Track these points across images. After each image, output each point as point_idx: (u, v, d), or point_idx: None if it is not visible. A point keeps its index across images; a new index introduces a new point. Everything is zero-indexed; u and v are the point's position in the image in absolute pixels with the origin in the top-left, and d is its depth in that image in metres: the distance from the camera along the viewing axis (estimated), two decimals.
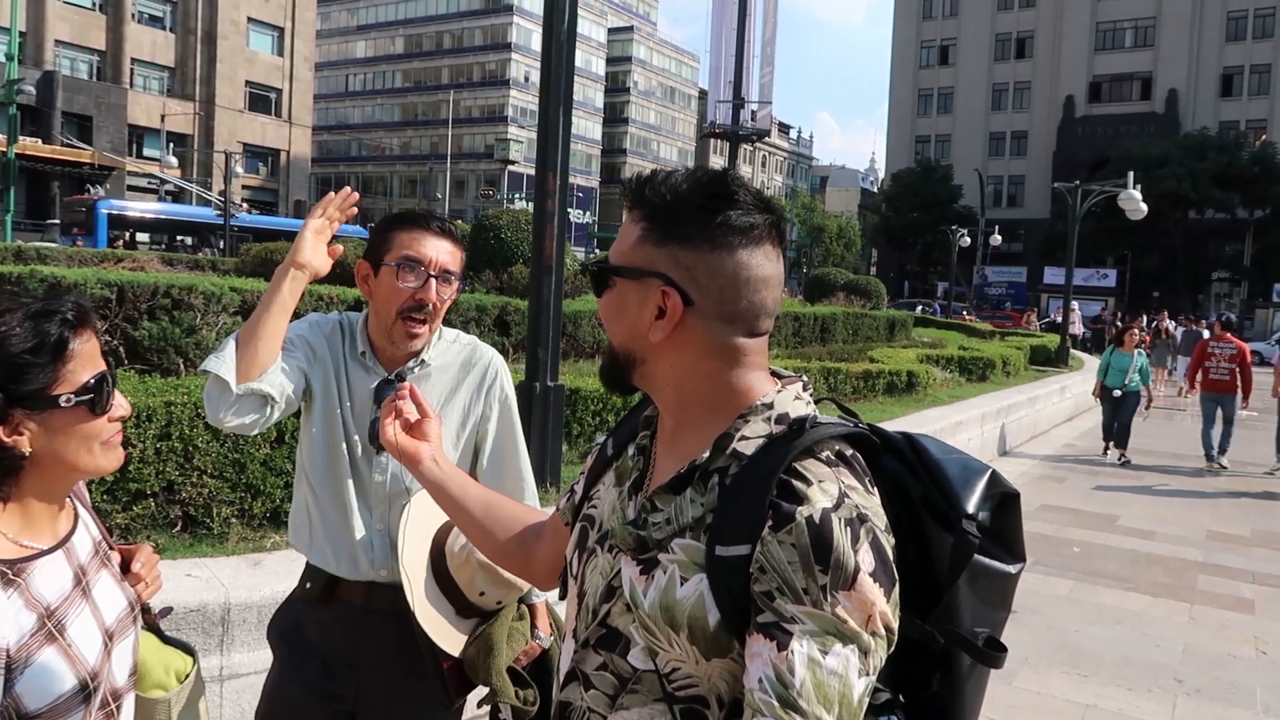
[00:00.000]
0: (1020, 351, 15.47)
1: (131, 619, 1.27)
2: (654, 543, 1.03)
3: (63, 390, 1.15)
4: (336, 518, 1.82)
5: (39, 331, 1.13)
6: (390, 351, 1.83)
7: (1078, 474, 9.73)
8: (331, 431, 1.82)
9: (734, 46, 25.83)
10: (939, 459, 1.11)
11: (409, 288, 1.75)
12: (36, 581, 1.12)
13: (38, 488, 1.17)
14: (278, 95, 49.94)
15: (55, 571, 1.15)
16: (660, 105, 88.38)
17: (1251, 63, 53.58)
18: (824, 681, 0.89)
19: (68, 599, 1.15)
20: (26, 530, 1.15)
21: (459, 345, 1.93)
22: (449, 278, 1.80)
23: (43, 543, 1.17)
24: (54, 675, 1.10)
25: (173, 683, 1.34)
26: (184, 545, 3.54)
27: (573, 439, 5.57)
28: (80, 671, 1.13)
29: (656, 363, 1.06)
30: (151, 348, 5.65)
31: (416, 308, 1.76)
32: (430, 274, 1.76)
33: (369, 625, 1.80)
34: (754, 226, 1.02)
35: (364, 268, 1.83)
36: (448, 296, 1.81)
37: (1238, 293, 51.68)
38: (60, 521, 1.21)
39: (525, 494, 1.96)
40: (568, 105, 4.45)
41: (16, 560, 1.11)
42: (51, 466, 1.16)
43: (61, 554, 1.18)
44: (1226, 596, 5.78)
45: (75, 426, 1.16)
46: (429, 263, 1.76)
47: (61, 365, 1.14)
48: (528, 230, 13.86)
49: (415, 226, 1.80)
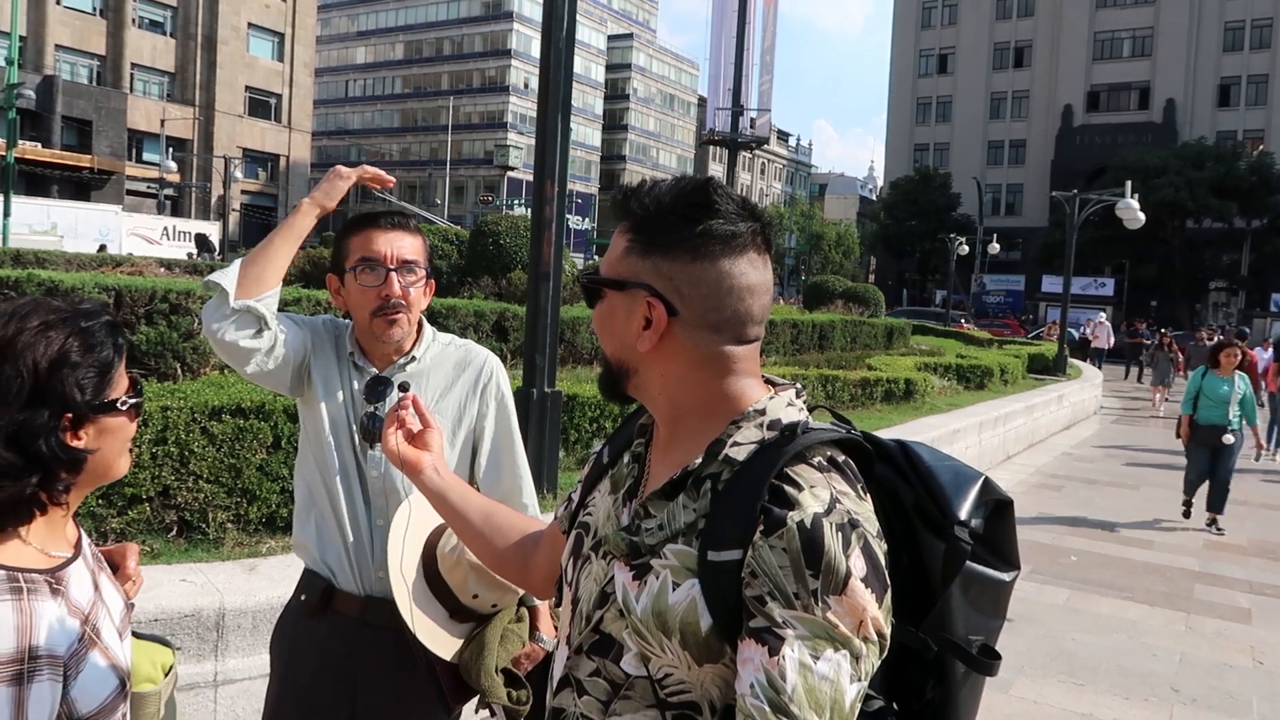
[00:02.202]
0: (1018, 360, 15.50)
1: (128, 618, 1.30)
2: (647, 548, 1.03)
3: (117, 393, 1.18)
4: (335, 516, 1.83)
5: (97, 336, 1.17)
6: (378, 349, 1.85)
7: (1075, 483, 9.73)
8: (329, 428, 1.84)
9: (733, 54, 25.92)
10: (932, 466, 1.11)
11: (372, 287, 1.77)
12: (73, 589, 1.15)
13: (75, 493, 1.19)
14: (277, 100, 50.01)
15: (82, 577, 1.18)
16: (659, 112, 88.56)
17: (1249, 73, 53.74)
18: (815, 687, 0.89)
19: (94, 603, 1.18)
20: (51, 540, 1.17)
21: (453, 347, 1.95)
22: (411, 267, 1.81)
23: (65, 551, 1.18)
24: (101, 677, 1.14)
25: (159, 675, 1.37)
26: (179, 550, 3.53)
27: (570, 445, 5.56)
28: (120, 671, 1.17)
29: (648, 372, 1.07)
30: (149, 352, 5.64)
31: (384, 305, 1.78)
32: (389, 268, 1.78)
33: (365, 639, 1.80)
34: (736, 235, 1.02)
35: (333, 281, 1.87)
36: (416, 286, 1.82)
37: (1235, 302, 51.76)
38: (70, 529, 1.23)
39: (523, 492, 1.97)
40: (566, 112, 4.46)
41: (55, 569, 1.14)
42: (92, 470, 1.18)
43: (81, 561, 1.21)
44: (1223, 606, 5.78)
45: (121, 429, 1.19)
46: (384, 258, 1.78)
47: (118, 368, 1.18)
48: (526, 236, 13.86)
49: (365, 227, 1.81)
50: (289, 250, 1.78)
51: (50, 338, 1.13)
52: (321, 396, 1.83)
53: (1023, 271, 55.43)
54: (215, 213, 44.21)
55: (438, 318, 7.53)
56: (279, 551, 3.55)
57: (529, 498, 1.98)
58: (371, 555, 1.81)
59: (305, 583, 1.86)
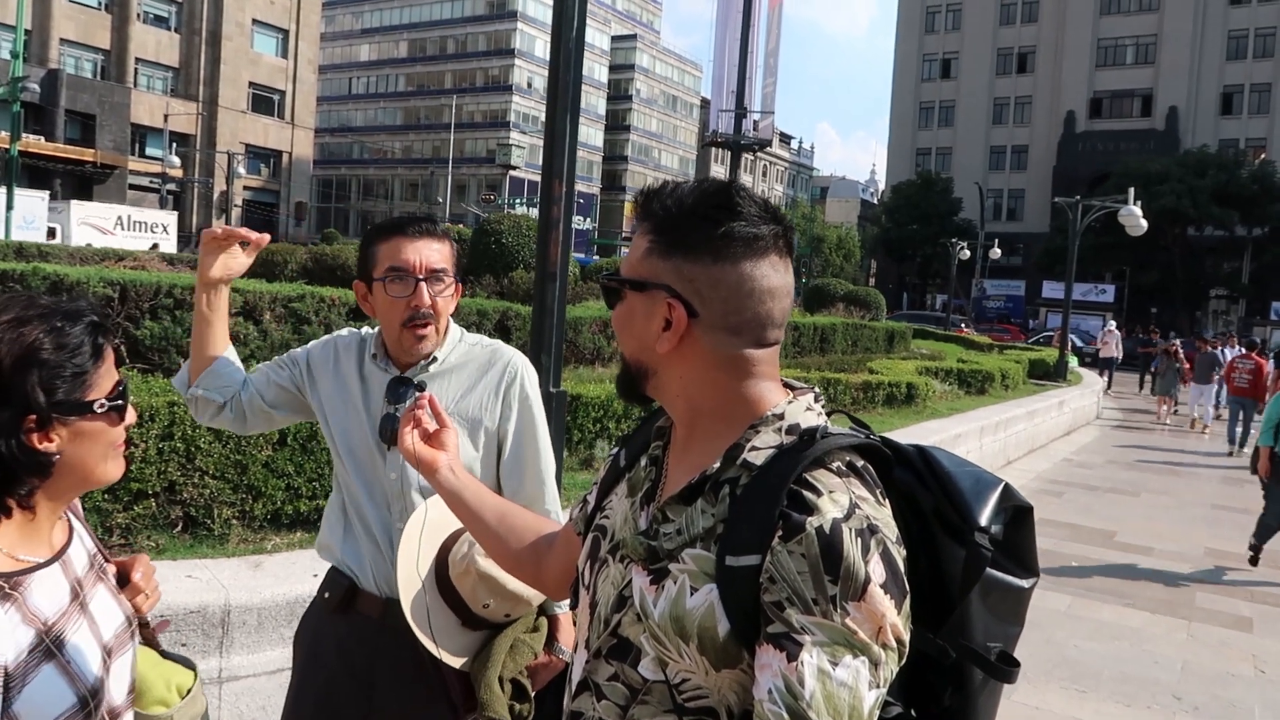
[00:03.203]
0: (1019, 365, 15.50)
1: (129, 634, 1.24)
2: (664, 553, 1.02)
3: (95, 396, 1.14)
4: (359, 518, 1.84)
5: (74, 336, 1.13)
6: (403, 355, 1.85)
7: (1075, 489, 9.73)
8: (347, 436, 1.85)
9: (737, 56, 25.91)
10: (951, 471, 1.10)
11: (401, 298, 1.75)
12: (34, 596, 1.09)
13: (50, 497, 1.15)
14: (281, 97, 50.01)
15: (52, 585, 1.13)
16: (662, 113, 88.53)
17: (1252, 81, 53.76)
18: (834, 693, 0.89)
19: (65, 614, 1.12)
20: (23, 544, 1.13)
21: (480, 348, 1.92)
22: (439, 276, 1.79)
23: (39, 556, 1.14)
24: (53, 693, 1.07)
25: (175, 698, 1.31)
26: (185, 546, 3.53)
27: (573, 445, 5.56)
28: (80, 689, 1.10)
29: (667, 374, 1.07)
30: (153, 347, 5.64)
31: (414, 316, 1.76)
32: (418, 278, 1.76)
33: (384, 641, 1.79)
34: (758, 238, 1.02)
35: (360, 288, 1.85)
36: (445, 295, 1.80)
37: (1235, 310, 51.77)
38: (56, 534, 1.19)
39: (546, 497, 1.93)
40: (575, 112, 4.46)
41: (13, 574, 1.09)
42: (69, 474, 1.14)
43: (58, 567, 1.15)
44: (1225, 614, 5.78)
45: (101, 433, 1.15)
46: (414, 267, 1.76)
47: (96, 370, 1.15)
48: (528, 235, 13.88)
49: (393, 234, 1.79)
50: (208, 335, 1.83)
51: (21, 334, 1.09)
52: (334, 412, 1.84)
53: (1023, 277, 55.44)
54: (218, 208, 44.22)
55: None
56: (284, 548, 3.54)
57: (552, 504, 1.94)
58: (392, 558, 1.80)
59: (330, 581, 1.87)
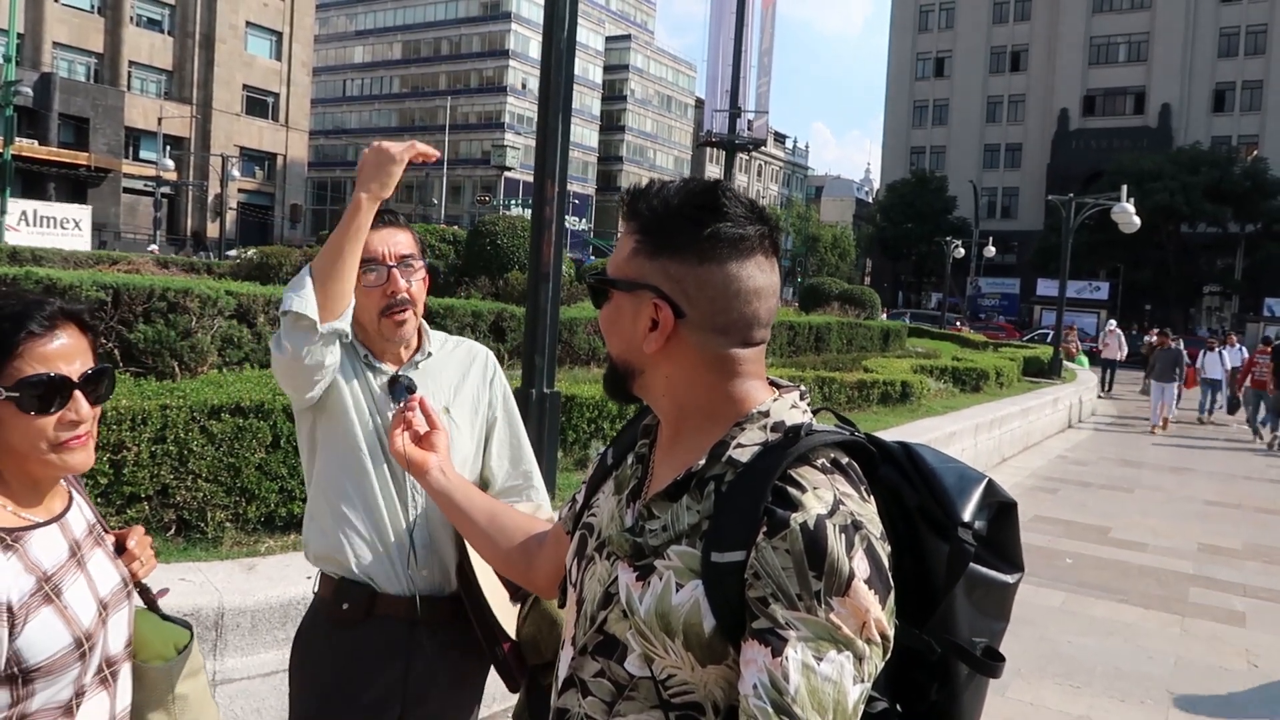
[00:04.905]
0: (1013, 363, 15.54)
1: (125, 594, 1.35)
2: (650, 549, 1.03)
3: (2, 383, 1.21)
4: (371, 521, 1.79)
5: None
6: (387, 349, 1.85)
7: (1069, 485, 9.75)
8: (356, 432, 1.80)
9: (731, 56, 25.93)
10: (935, 468, 1.11)
11: (376, 287, 1.78)
12: (34, 549, 1.23)
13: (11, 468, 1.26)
14: (275, 99, 49.96)
15: (51, 542, 1.26)
16: (657, 114, 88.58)
17: (1244, 78, 53.92)
18: (818, 688, 0.89)
19: (63, 567, 1.25)
20: (24, 505, 1.27)
21: (452, 343, 1.98)
22: (409, 261, 1.82)
23: (38, 516, 1.27)
24: (51, 632, 1.20)
25: (172, 654, 1.42)
26: (178, 549, 3.53)
27: (568, 446, 5.57)
28: (75, 631, 1.22)
29: (653, 373, 1.08)
30: (147, 351, 5.63)
31: (391, 304, 1.79)
32: (389, 265, 1.79)
33: (416, 638, 1.78)
34: (744, 238, 1.02)
35: None
36: (417, 279, 1.83)
37: (1229, 306, 51.92)
38: (54, 501, 1.31)
39: (534, 474, 2.00)
40: (567, 113, 4.46)
41: (15, 529, 1.23)
42: (9, 454, 1.25)
43: (56, 528, 1.28)
44: (1218, 609, 5.80)
45: (14, 421, 1.22)
46: (383, 257, 1.79)
47: (8, 360, 1.21)
48: (523, 237, 13.87)
49: None
50: (358, 255, 1.69)
51: None
52: (345, 401, 1.80)
53: (1018, 275, 55.54)
54: (212, 211, 44.12)
55: (435, 317, 7.53)
56: (278, 551, 3.54)
57: (539, 480, 2.01)
58: (413, 554, 1.79)
59: (342, 593, 1.78)
